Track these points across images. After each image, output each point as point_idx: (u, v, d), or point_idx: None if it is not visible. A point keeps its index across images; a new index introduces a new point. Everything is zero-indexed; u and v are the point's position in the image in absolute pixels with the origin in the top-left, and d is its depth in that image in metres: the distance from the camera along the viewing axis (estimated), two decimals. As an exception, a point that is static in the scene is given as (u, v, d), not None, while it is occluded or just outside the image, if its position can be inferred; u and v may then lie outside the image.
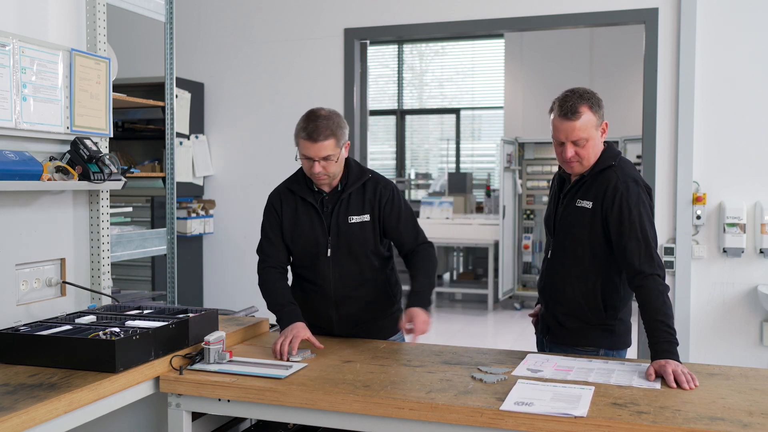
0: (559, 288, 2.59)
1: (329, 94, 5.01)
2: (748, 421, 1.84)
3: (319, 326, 2.76)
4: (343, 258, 2.70)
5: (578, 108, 2.39)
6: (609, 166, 2.48)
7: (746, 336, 4.27)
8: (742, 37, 4.21)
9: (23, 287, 2.58)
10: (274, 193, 2.79)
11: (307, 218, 2.70)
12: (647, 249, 2.37)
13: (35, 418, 1.80)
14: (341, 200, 2.68)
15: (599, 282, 2.51)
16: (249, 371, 2.27)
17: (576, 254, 2.53)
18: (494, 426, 1.91)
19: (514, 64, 10.01)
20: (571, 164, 2.47)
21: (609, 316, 2.53)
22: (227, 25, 5.30)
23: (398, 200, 2.75)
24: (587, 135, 2.41)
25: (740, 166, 4.24)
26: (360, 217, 2.69)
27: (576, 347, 2.57)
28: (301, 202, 2.72)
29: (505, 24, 4.71)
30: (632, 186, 2.43)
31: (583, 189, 2.52)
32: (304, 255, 2.74)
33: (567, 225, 2.55)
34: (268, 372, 2.27)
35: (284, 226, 2.73)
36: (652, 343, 2.27)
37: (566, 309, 2.58)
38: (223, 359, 2.36)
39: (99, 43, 2.93)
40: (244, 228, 5.33)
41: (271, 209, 2.77)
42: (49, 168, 2.57)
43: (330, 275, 2.71)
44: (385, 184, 2.75)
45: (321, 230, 2.69)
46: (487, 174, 11.17)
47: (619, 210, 2.41)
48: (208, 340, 2.35)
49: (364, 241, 2.69)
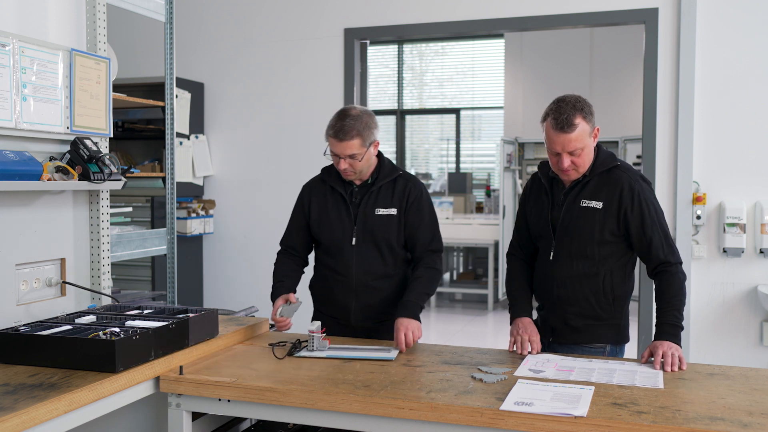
0: (567, 288, 2.60)
1: (329, 94, 5.01)
2: (748, 421, 1.84)
3: (337, 317, 2.83)
4: (366, 248, 2.78)
5: (573, 120, 2.43)
6: (614, 167, 2.56)
7: (746, 336, 4.27)
8: (742, 37, 4.21)
9: (23, 287, 2.58)
10: (306, 185, 2.95)
11: (335, 207, 2.82)
12: (668, 241, 2.53)
13: (35, 418, 1.80)
14: (370, 192, 2.80)
15: (608, 278, 2.58)
16: (356, 355, 2.45)
17: (585, 253, 2.57)
18: (494, 426, 1.91)
19: (514, 64, 10.01)
20: (568, 173, 2.53)
21: (616, 309, 2.60)
22: (227, 25, 5.30)
23: (426, 201, 2.85)
24: (583, 144, 2.47)
25: (740, 166, 4.24)
26: (387, 210, 2.79)
27: (584, 345, 2.59)
28: (330, 191, 2.84)
29: (505, 24, 4.71)
30: (644, 184, 2.57)
31: (588, 189, 2.56)
32: (330, 244, 2.83)
33: (572, 225, 2.57)
34: (375, 355, 2.46)
35: (311, 216, 2.86)
36: (659, 323, 2.43)
37: (576, 308, 2.60)
38: (323, 347, 2.51)
39: (99, 43, 2.93)
40: (244, 228, 5.33)
41: (299, 201, 2.92)
42: (49, 168, 2.57)
43: (353, 264, 2.78)
44: (416, 183, 2.86)
45: (348, 219, 2.79)
46: (487, 174, 11.17)
47: (639, 208, 2.51)
48: (310, 329, 2.51)
49: (389, 234, 2.78)
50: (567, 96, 2.50)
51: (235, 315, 3.34)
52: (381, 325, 2.81)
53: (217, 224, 5.41)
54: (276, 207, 5.21)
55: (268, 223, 5.24)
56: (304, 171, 5.04)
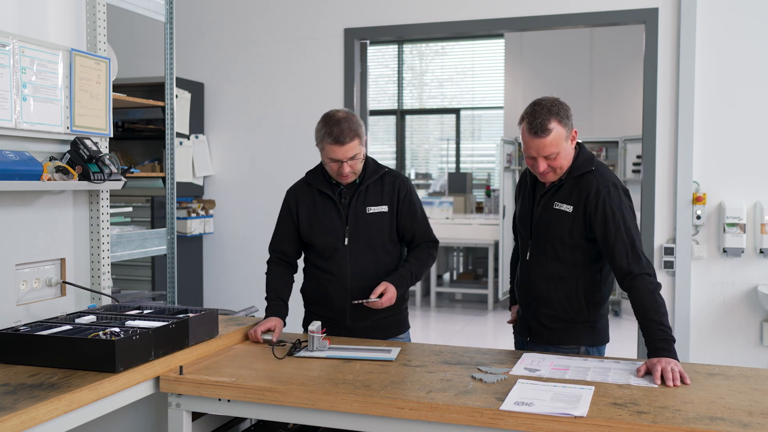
0: (541, 289, 2.61)
1: (329, 94, 5.01)
2: (748, 421, 1.84)
3: (332, 318, 2.82)
4: (359, 248, 2.78)
5: (547, 125, 2.41)
6: (588, 171, 2.54)
7: (746, 336, 4.27)
8: (742, 37, 4.21)
9: (23, 287, 2.58)
10: (291, 190, 2.93)
11: (324, 209, 2.81)
12: (634, 249, 2.43)
13: (35, 418, 1.80)
14: (359, 192, 2.79)
15: (581, 281, 2.56)
16: (356, 356, 2.44)
17: (557, 255, 2.57)
18: (494, 426, 1.91)
19: (514, 64, 10.01)
20: (546, 176, 2.53)
21: (591, 313, 2.58)
22: (227, 25, 5.30)
23: (415, 197, 2.89)
24: (558, 149, 2.45)
25: (740, 166, 4.24)
26: (378, 207, 2.79)
27: (558, 345, 2.59)
28: (318, 194, 2.83)
29: (505, 24, 4.71)
30: (613, 190, 2.50)
31: (561, 192, 2.56)
32: (322, 246, 2.82)
33: (545, 227, 2.58)
34: (375, 355, 2.45)
35: (300, 221, 2.85)
36: (648, 342, 2.32)
37: (549, 310, 2.61)
38: (323, 347, 2.50)
39: (99, 43, 2.93)
40: (244, 228, 5.33)
41: (285, 206, 2.92)
42: (49, 168, 2.57)
43: (346, 265, 2.78)
44: (403, 179, 2.88)
45: (339, 220, 2.78)
46: (487, 174, 11.17)
47: (603, 214, 2.47)
48: (310, 329, 2.51)
49: (381, 232, 2.79)
50: (544, 99, 2.48)
51: (235, 315, 3.35)
52: (377, 324, 2.80)
53: (217, 224, 5.41)
54: (276, 207, 5.15)
55: (268, 223, 5.19)
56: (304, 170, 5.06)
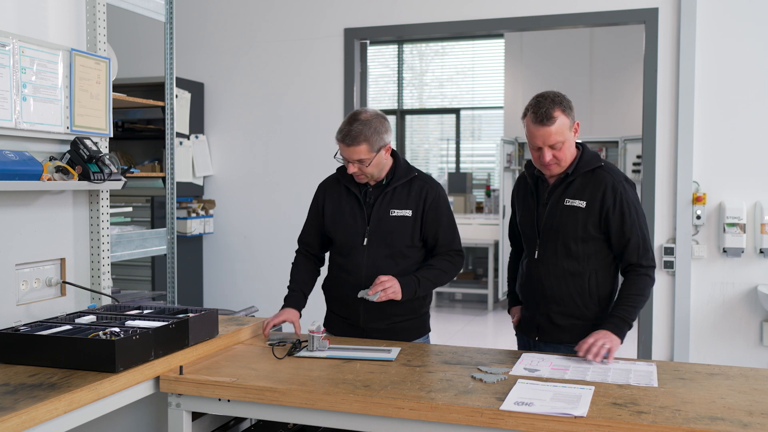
0: (552, 287, 2.63)
1: (329, 94, 5.02)
2: (748, 421, 1.84)
3: (346, 318, 2.81)
4: (378, 249, 2.75)
5: (552, 113, 2.47)
6: (598, 167, 2.60)
7: (746, 336, 4.27)
8: (742, 37, 4.21)
9: (23, 287, 2.58)
10: (322, 184, 2.94)
11: (349, 207, 2.80)
12: (645, 244, 2.57)
13: (35, 418, 1.80)
14: (385, 193, 2.77)
15: (594, 277, 2.60)
16: (356, 356, 2.43)
17: (569, 252, 2.59)
18: (494, 426, 1.91)
19: (514, 64, 10.01)
20: (550, 167, 2.56)
21: (602, 310, 2.61)
22: (227, 25, 5.30)
23: (443, 203, 2.82)
24: (563, 138, 2.50)
25: (740, 166, 4.24)
26: (401, 211, 2.76)
27: (569, 344, 2.58)
28: (345, 191, 2.82)
29: (505, 24, 4.71)
30: (627, 186, 2.59)
31: (572, 189, 2.59)
32: (342, 243, 2.82)
33: (556, 224, 2.60)
34: (375, 355, 2.44)
35: (326, 215, 2.85)
36: (610, 314, 2.50)
37: (561, 307, 2.62)
38: (323, 347, 2.50)
39: (99, 43, 2.93)
40: (244, 228, 5.33)
41: (314, 199, 2.93)
42: (49, 168, 2.57)
43: (364, 264, 2.75)
44: (432, 185, 2.82)
45: (361, 219, 2.77)
46: (487, 174, 11.16)
47: (620, 209, 2.54)
48: (311, 329, 2.50)
49: (402, 235, 2.75)
50: (546, 92, 2.55)
51: (235, 315, 3.35)
52: (391, 327, 2.77)
53: (217, 224, 5.41)
54: (276, 207, 5.22)
55: (268, 223, 5.24)
56: (305, 171, 5.09)
